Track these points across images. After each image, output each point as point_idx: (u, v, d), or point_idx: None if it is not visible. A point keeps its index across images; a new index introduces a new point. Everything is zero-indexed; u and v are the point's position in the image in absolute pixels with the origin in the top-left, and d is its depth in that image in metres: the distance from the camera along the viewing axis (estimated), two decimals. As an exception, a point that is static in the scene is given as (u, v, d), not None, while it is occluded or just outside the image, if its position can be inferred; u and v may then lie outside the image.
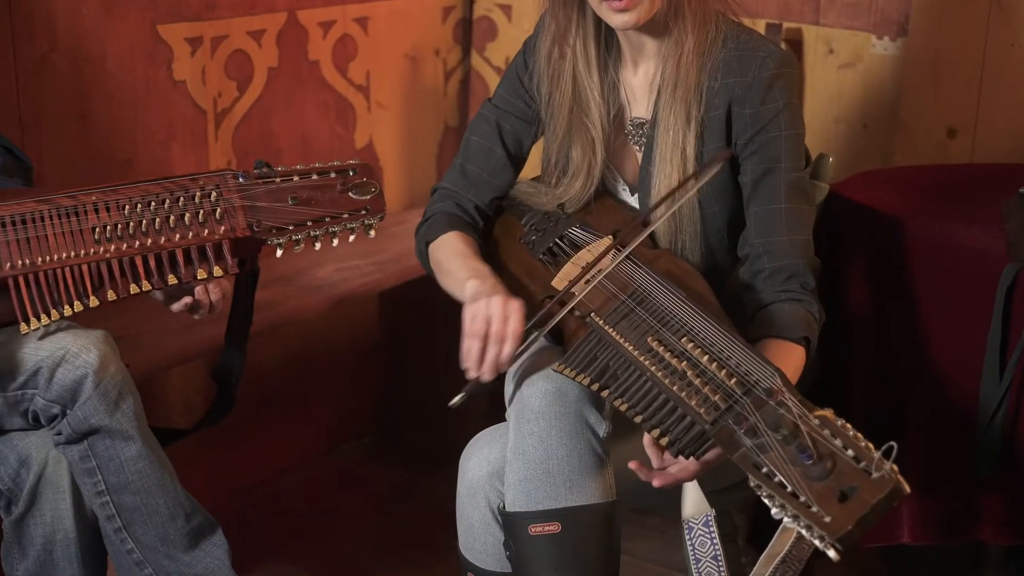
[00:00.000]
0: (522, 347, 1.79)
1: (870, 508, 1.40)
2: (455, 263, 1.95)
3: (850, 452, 1.44)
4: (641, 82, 1.96)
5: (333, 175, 1.90)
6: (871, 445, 1.45)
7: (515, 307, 1.78)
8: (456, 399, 1.79)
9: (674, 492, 1.78)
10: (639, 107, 1.97)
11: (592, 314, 1.81)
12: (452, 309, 1.94)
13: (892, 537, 2.13)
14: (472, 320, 1.78)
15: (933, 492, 2.09)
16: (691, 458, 1.64)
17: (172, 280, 1.81)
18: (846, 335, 2.18)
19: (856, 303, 2.18)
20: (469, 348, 1.78)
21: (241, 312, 1.99)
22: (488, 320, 1.77)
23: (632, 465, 1.70)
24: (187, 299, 1.86)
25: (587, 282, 1.83)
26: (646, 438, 1.69)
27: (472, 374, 1.79)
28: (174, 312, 1.89)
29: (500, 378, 1.82)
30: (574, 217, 2.00)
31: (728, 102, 1.87)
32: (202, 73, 2.62)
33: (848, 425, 1.47)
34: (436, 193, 2.10)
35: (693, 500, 1.81)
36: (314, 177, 1.89)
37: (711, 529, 1.80)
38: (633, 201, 2.02)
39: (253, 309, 1.99)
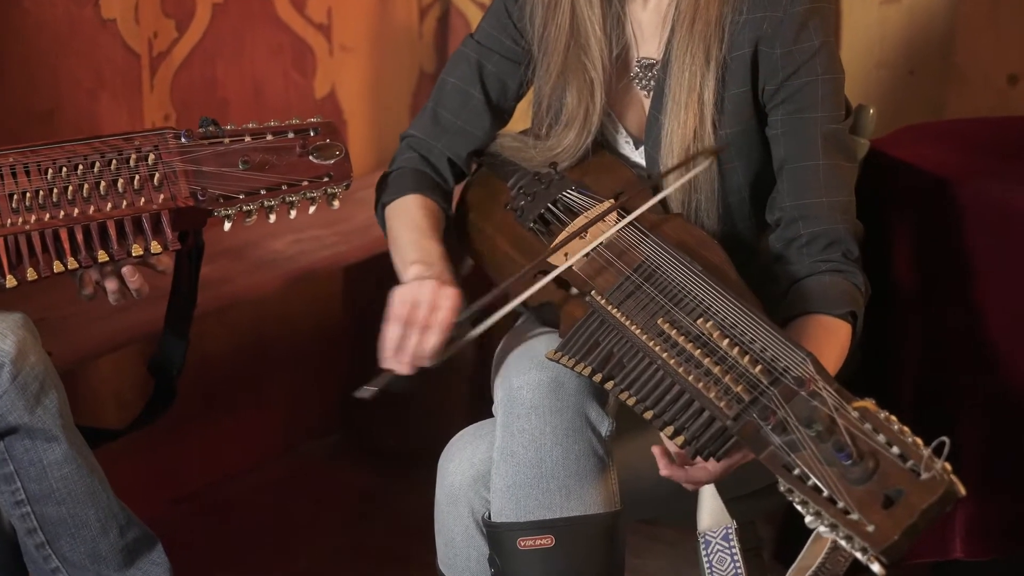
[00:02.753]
0: (450, 344, 1.79)
1: (919, 515, 1.41)
2: (405, 238, 1.96)
3: (895, 450, 1.45)
4: (651, 17, 1.95)
5: (291, 135, 1.90)
6: (920, 441, 1.45)
7: (448, 295, 1.80)
8: (362, 389, 1.80)
9: (688, 500, 1.78)
10: (648, 46, 1.97)
11: (592, 292, 1.81)
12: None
13: (943, 551, 2.14)
14: (397, 303, 1.80)
15: (992, 498, 2.10)
16: (715, 459, 1.64)
17: (103, 257, 1.81)
18: (891, 315, 2.19)
19: (902, 278, 2.19)
20: (388, 333, 1.79)
21: (183, 293, 1.99)
22: (415, 305, 1.78)
23: (655, 450, 1.70)
24: (88, 288, 1.84)
25: (583, 251, 1.83)
26: (656, 448, 1.69)
27: (387, 364, 1.80)
28: (85, 299, 1.88)
29: (420, 377, 1.82)
30: (569, 178, 2.00)
31: (755, 40, 1.87)
32: (135, 10, 2.60)
33: (893, 418, 1.48)
34: (404, 142, 2.10)
35: (711, 509, 1.82)
36: (269, 137, 1.89)
37: (731, 543, 1.80)
38: (637, 156, 2.02)
39: (197, 289, 1.99)
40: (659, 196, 1.88)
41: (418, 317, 1.78)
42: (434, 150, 2.05)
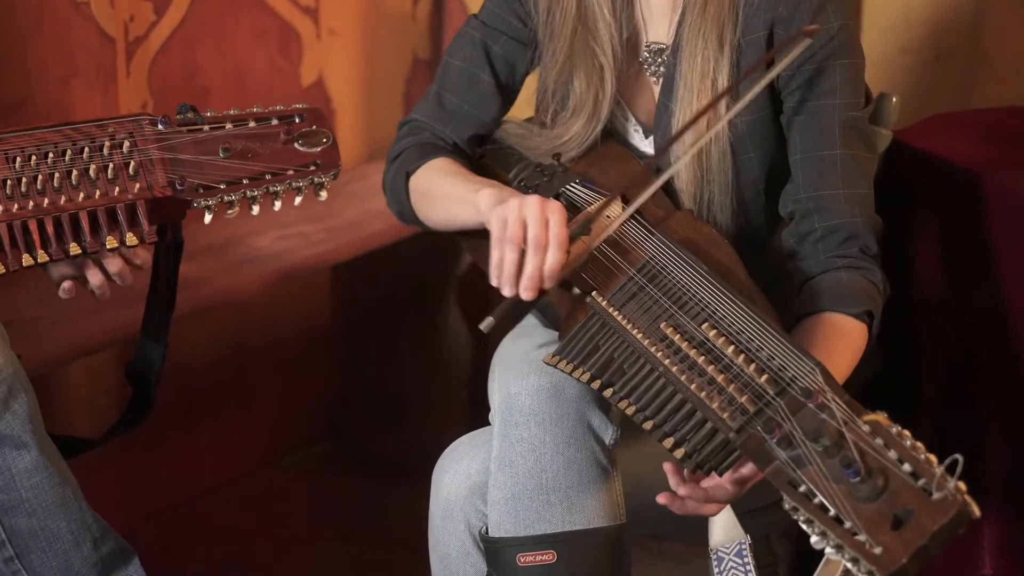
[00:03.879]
0: (569, 260, 1.77)
1: (930, 537, 1.41)
2: (451, 182, 1.95)
3: (907, 467, 1.45)
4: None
5: (275, 122, 1.90)
6: (933, 458, 1.45)
7: (555, 207, 1.77)
8: (486, 321, 1.75)
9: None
10: (657, 29, 1.97)
11: (594, 293, 1.82)
12: (426, 284, 1.95)
13: (971, 570, 2.15)
14: (503, 224, 1.76)
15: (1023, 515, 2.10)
16: (717, 473, 1.65)
17: (75, 250, 1.81)
18: (912, 317, 2.19)
19: (925, 276, 2.20)
20: (502, 257, 1.76)
21: (161, 293, 1.99)
22: (522, 222, 1.76)
23: (667, 466, 1.70)
24: (67, 283, 1.85)
25: (585, 248, 1.84)
26: (667, 465, 1.70)
27: (507, 291, 1.76)
28: (62, 297, 1.88)
29: (539, 299, 1.78)
30: (573, 171, 2.01)
31: (770, 23, 1.88)
32: (110, -9, 2.62)
33: (906, 433, 1.48)
34: (405, 127, 2.10)
35: (723, 524, 1.83)
36: (251, 124, 1.89)
37: (745, 560, 1.81)
38: (647, 145, 2.03)
39: (176, 290, 1.99)
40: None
41: (534, 233, 1.75)
42: (440, 134, 2.06)
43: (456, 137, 2.05)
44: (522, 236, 1.75)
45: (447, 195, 1.95)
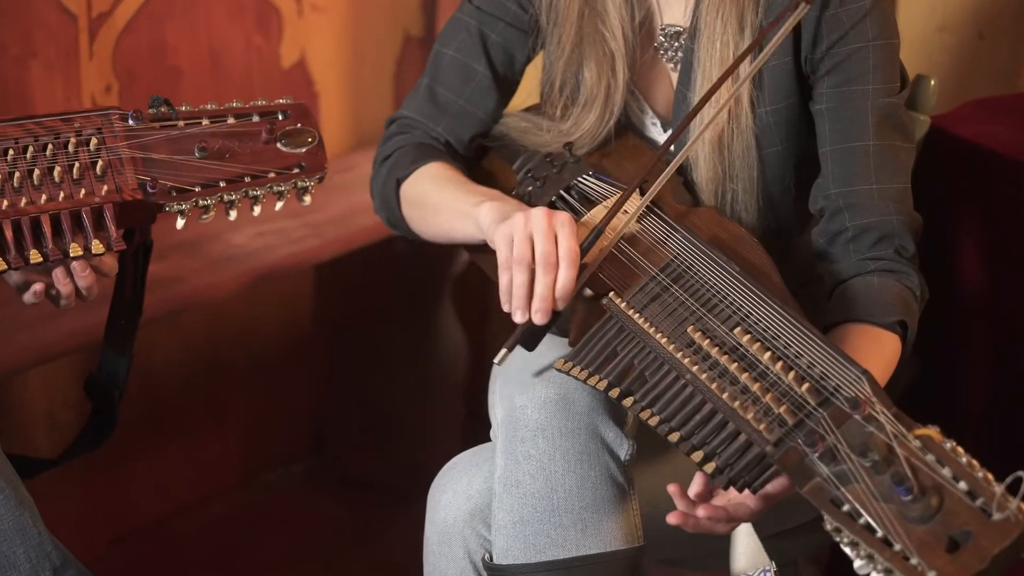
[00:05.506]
0: (581, 273, 1.79)
1: (990, 561, 1.41)
2: (449, 193, 1.96)
3: (963, 485, 1.46)
4: (676, -24, 1.97)
5: (256, 119, 1.90)
6: (991, 476, 1.45)
7: (564, 220, 1.79)
8: (501, 354, 1.80)
9: (719, 537, 1.80)
10: (673, 11, 1.98)
11: (611, 293, 1.82)
12: (419, 286, 1.95)
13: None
14: (509, 244, 1.78)
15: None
16: (746, 491, 1.65)
17: (35, 257, 1.80)
18: (955, 321, 2.20)
19: (968, 278, 2.21)
20: (510, 281, 1.78)
21: (126, 298, 1.99)
22: (529, 240, 1.77)
23: (671, 489, 1.71)
24: (37, 286, 1.85)
25: (600, 246, 1.84)
26: (672, 487, 1.70)
27: (520, 317, 1.79)
28: (28, 303, 1.88)
29: (553, 322, 1.81)
30: (586, 162, 2.02)
31: (796, 2, 1.88)
32: (70, -37, 2.62)
33: (960, 449, 1.48)
34: (394, 125, 2.11)
35: (746, 548, 1.84)
36: (230, 121, 1.89)
37: (770, 587, 1.82)
38: (665, 138, 2.03)
39: (143, 293, 1.99)
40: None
41: (543, 251, 1.77)
42: (432, 133, 2.06)
43: (450, 135, 2.06)
44: (531, 255, 1.77)
45: (443, 207, 1.96)
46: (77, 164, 1.82)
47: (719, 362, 1.69)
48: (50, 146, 1.82)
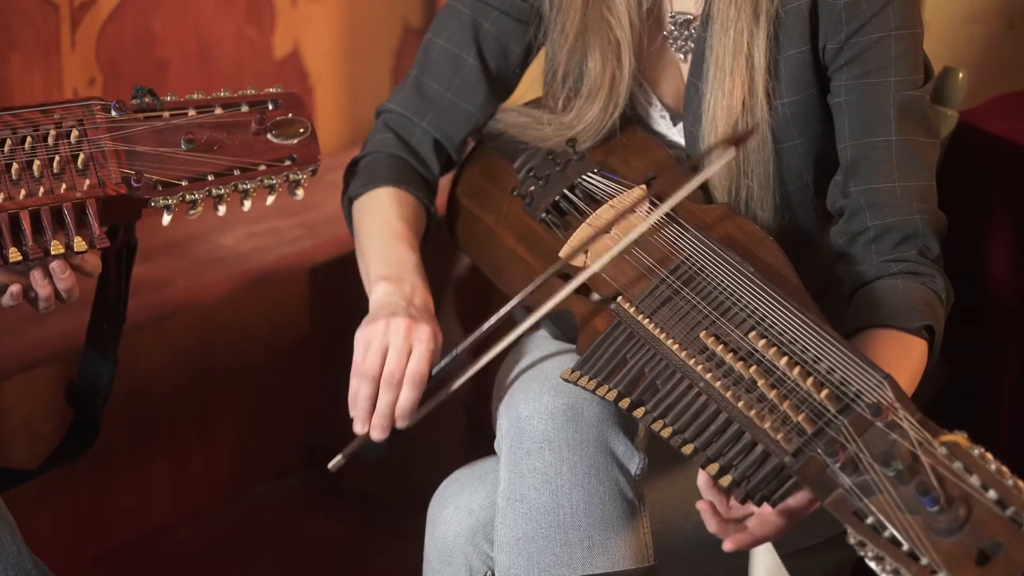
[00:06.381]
0: (429, 397, 1.85)
1: (1022, 573, 1.41)
2: (374, 246, 2.00)
3: (992, 494, 1.45)
4: (687, -40, 1.97)
5: (245, 108, 1.90)
6: (1022, 484, 1.45)
7: (423, 336, 1.84)
8: (335, 460, 1.86)
9: (736, 555, 1.80)
10: (685, -2, 1.99)
11: (619, 298, 1.83)
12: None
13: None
14: (364, 350, 1.85)
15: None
16: (766, 505, 1.65)
17: (14, 256, 1.80)
18: (984, 326, 2.20)
19: (996, 280, 2.21)
20: (356, 391, 1.85)
21: (110, 302, 1.99)
22: (382, 353, 1.84)
23: (700, 505, 1.70)
24: (15, 287, 1.85)
25: (607, 248, 1.85)
26: (702, 477, 1.70)
27: (358, 428, 1.86)
28: (5, 305, 1.88)
29: (394, 439, 1.87)
30: (590, 159, 2.02)
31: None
32: (51, -51, 2.62)
33: (989, 456, 1.48)
34: (380, 118, 2.12)
35: (765, 567, 1.84)
36: (218, 111, 1.90)
37: (790, 608, 1.83)
38: (675, 134, 2.04)
39: (128, 296, 1.99)
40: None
41: (389, 368, 1.83)
42: (416, 130, 2.07)
43: (436, 131, 2.07)
44: (379, 367, 1.84)
45: (363, 254, 2.02)
46: (57, 158, 1.82)
47: (734, 369, 1.69)
48: (29, 139, 1.82)
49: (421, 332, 1.84)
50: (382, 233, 2.00)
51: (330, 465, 1.86)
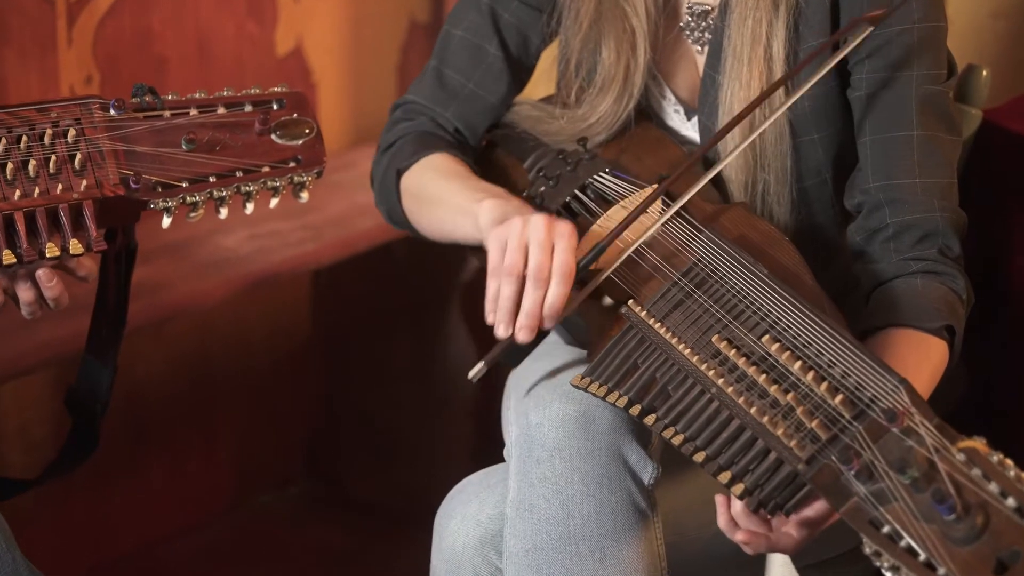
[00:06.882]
0: (578, 294, 1.81)
1: (1040, 582, 1.42)
2: (453, 186, 1.97)
3: (1011, 501, 1.45)
4: (704, -51, 1.98)
5: (249, 108, 1.90)
6: (1042, 490, 1.46)
7: (565, 231, 1.80)
8: (477, 368, 1.81)
9: (750, 567, 1.80)
10: (702, -13, 1.99)
11: (630, 302, 1.83)
12: (424, 294, 1.96)
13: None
14: (501, 249, 1.80)
15: None
16: (781, 514, 1.65)
17: (8, 258, 1.80)
18: (1005, 330, 2.20)
19: (1020, 281, 2.21)
20: (498, 291, 1.80)
21: (109, 305, 1.99)
22: (524, 248, 1.79)
23: (721, 507, 1.70)
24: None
25: (619, 251, 1.85)
26: (722, 518, 1.70)
27: (503, 331, 1.80)
28: None
29: (537, 343, 1.82)
30: (602, 158, 2.02)
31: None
32: (48, -56, 2.63)
33: (1008, 462, 1.48)
34: (399, 110, 2.12)
35: (781, 579, 1.84)
36: (220, 111, 1.90)
37: (808, 622, 1.83)
38: (689, 128, 2.05)
39: (127, 301, 1.99)
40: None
41: (534, 264, 1.78)
42: (440, 119, 2.08)
43: (459, 122, 2.07)
44: (523, 264, 1.78)
45: (443, 201, 1.97)
46: (54, 158, 1.82)
47: (747, 374, 1.69)
48: (24, 138, 1.82)
49: (562, 227, 1.80)
50: (458, 176, 1.98)
51: (471, 374, 1.80)
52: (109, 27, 2.72)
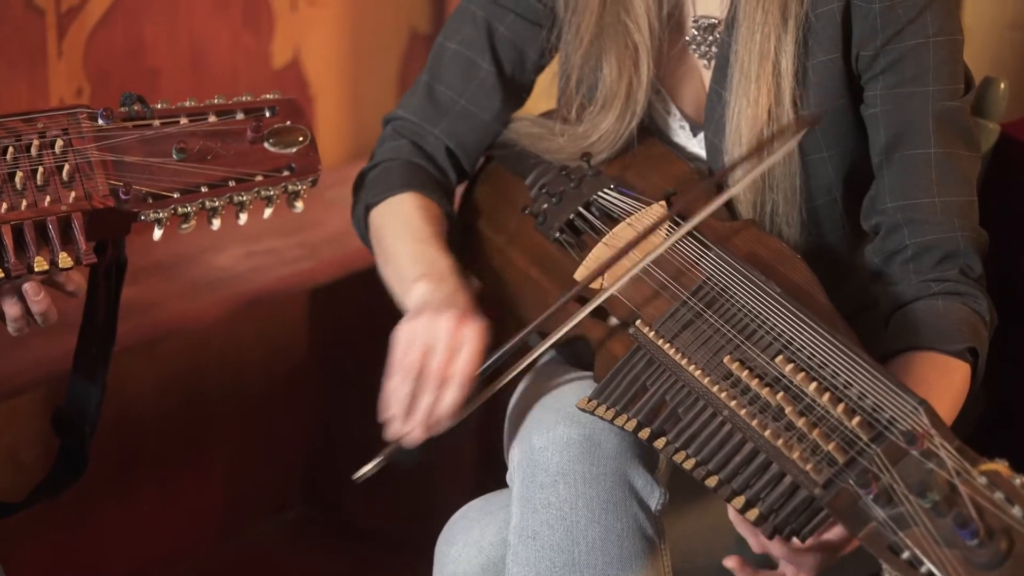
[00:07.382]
0: (471, 399, 1.83)
1: (1064, 609, 1.42)
2: (403, 247, 1.98)
3: (1034, 526, 1.47)
4: (711, -38, 1.98)
5: (241, 116, 1.90)
6: (1068, 517, 1.46)
7: (471, 334, 1.81)
8: (364, 469, 1.86)
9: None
10: (708, 1, 1.99)
11: (638, 322, 1.83)
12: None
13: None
14: (406, 347, 1.82)
15: None
16: (796, 539, 1.65)
17: (-5, 272, 1.81)
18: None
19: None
20: (395, 389, 1.82)
21: (98, 322, 1.99)
22: (428, 350, 1.80)
23: (729, 563, 1.71)
24: None
25: (626, 269, 1.85)
26: (732, 512, 1.70)
27: (395, 430, 1.83)
28: None
29: (429, 446, 1.85)
30: (606, 174, 2.02)
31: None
32: (37, -47, 2.63)
33: (1031, 485, 1.49)
34: (388, 126, 2.13)
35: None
36: (212, 119, 1.90)
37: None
38: (695, 145, 2.05)
39: (117, 318, 1.99)
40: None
41: (433, 367, 1.80)
42: (429, 137, 2.07)
43: (449, 140, 2.07)
44: (418, 366, 1.80)
45: (391, 261, 2.00)
46: (41, 169, 1.82)
47: (760, 395, 1.69)
48: (11, 149, 1.82)
49: (469, 328, 1.81)
50: (413, 236, 1.99)
51: (356, 475, 1.85)
52: (100, 38, 2.72)
